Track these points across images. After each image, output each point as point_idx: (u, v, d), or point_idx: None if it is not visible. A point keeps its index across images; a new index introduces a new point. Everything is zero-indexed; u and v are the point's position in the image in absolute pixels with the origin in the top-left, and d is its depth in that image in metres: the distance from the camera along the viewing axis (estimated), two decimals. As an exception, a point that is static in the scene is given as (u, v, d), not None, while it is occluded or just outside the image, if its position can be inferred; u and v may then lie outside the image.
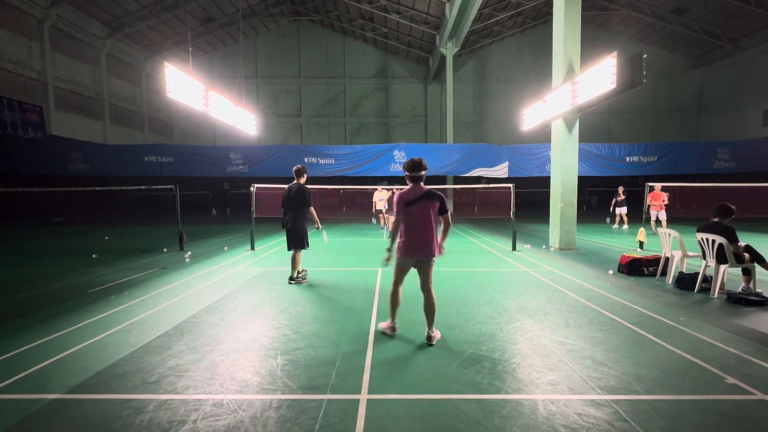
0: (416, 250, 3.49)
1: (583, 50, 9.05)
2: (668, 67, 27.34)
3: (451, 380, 2.82)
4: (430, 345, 3.46)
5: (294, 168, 5.86)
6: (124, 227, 15.04)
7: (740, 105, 24.07)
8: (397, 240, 3.58)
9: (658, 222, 11.54)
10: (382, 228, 13.01)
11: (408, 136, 28.27)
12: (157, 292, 5.30)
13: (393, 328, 3.73)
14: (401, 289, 3.68)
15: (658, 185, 11.21)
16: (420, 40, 25.27)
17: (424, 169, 3.57)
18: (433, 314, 3.55)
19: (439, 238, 3.57)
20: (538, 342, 3.52)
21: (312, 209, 5.80)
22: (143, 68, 24.90)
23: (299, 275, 5.88)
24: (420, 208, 3.47)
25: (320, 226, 6.19)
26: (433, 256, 3.50)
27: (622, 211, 13.38)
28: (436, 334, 3.58)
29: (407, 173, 3.57)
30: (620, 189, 13.37)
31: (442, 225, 3.66)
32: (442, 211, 3.54)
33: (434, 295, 3.56)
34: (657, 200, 11.31)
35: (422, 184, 3.59)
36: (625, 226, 13.44)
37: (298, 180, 5.79)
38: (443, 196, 3.59)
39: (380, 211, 13.34)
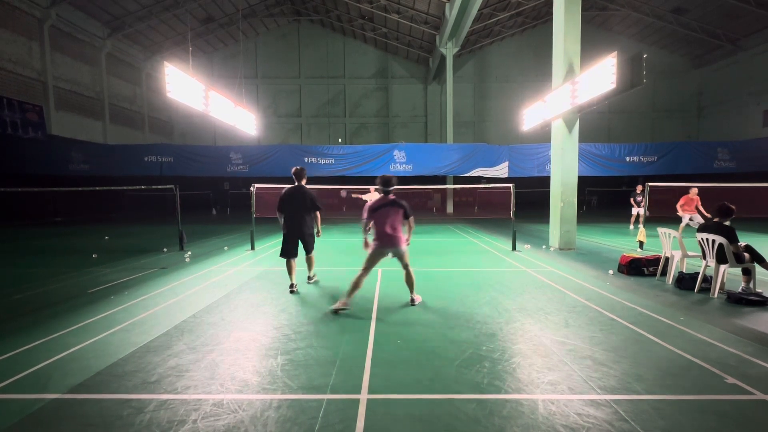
0: (386, 245, 4.45)
1: (583, 50, 9.05)
2: (668, 67, 27.34)
3: (451, 380, 2.82)
4: (413, 304, 4.61)
5: (293, 170, 5.46)
6: (124, 227, 15.04)
7: (740, 105, 24.06)
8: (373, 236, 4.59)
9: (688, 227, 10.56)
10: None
11: (408, 136, 28.25)
12: (158, 292, 5.30)
13: (345, 304, 4.39)
14: (365, 277, 4.53)
15: (694, 188, 10.41)
16: (420, 40, 25.27)
17: (394, 185, 4.55)
18: (412, 284, 4.66)
19: (406, 235, 4.63)
20: (538, 342, 3.52)
21: (318, 215, 5.54)
22: (143, 68, 24.90)
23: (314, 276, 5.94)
24: (384, 213, 4.43)
25: (320, 233, 5.81)
26: (401, 246, 4.48)
27: (640, 210, 12.96)
28: (417, 297, 4.72)
29: (381, 187, 4.52)
30: (638, 188, 12.99)
31: (407, 225, 4.65)
32: (406, 216, 4.54)
33: (412, 270, 4.66)
34: (691, 205, 10.42)
35: (390, 195, 4.54)
36: (640, 226, 13.04)
37: (299, 183, 5.41)
38: (406, 204, 4.53)
39: None
